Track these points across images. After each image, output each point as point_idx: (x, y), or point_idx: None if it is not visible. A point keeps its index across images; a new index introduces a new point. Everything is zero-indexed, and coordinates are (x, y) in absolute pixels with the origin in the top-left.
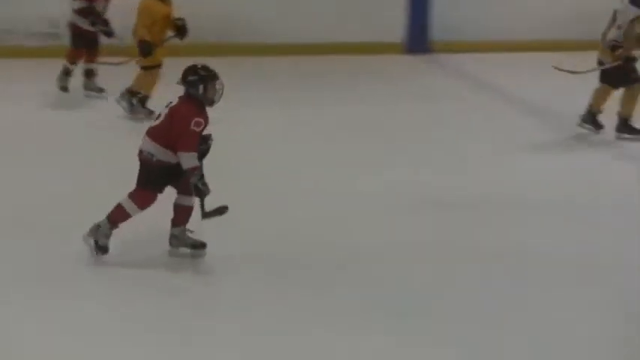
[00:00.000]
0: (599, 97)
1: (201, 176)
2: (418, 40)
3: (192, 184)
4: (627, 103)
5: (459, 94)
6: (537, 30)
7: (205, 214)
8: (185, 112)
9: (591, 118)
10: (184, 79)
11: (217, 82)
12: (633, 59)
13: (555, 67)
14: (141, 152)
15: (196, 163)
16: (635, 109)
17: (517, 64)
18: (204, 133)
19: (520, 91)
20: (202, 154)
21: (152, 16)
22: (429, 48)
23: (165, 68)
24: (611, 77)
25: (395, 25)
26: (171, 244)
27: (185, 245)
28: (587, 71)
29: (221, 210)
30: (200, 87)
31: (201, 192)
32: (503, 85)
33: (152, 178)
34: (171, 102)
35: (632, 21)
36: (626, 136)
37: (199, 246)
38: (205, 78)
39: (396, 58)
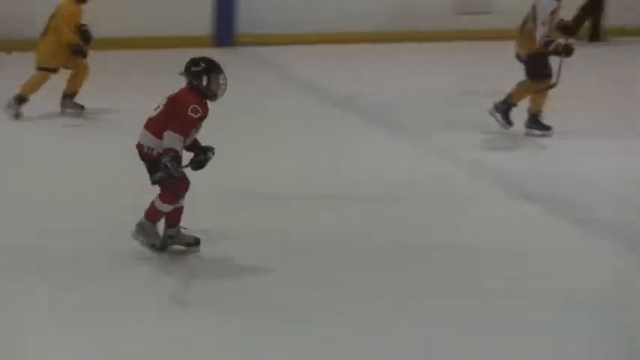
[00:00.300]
0: (522, 92)
1: (179, 163)
2: (225, 33)
3: (162, 162)
4: (536, 98)
5: (266, 85)
6: (345, 22)
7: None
8: (185, 97)
9: (505, 110)
10: (188, 70)
11: (221, 75)
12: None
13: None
14: (141, 147)
15: (177, 147)
16: (545, 105)
17: (324, 56)
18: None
19: (325, 81)
20: (199, 165)
21: (75, 21)
22: (237, 41)
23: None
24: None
25: (202, 19)
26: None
27: (180, 243)
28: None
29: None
30: (204, 78)
31: (170, 173)
32: (311, 75)
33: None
34: (171, 93)
35: (552, 13)
36: (536, 132)
37: (194, 243)
38: (210, 70)
39: (204, 52)
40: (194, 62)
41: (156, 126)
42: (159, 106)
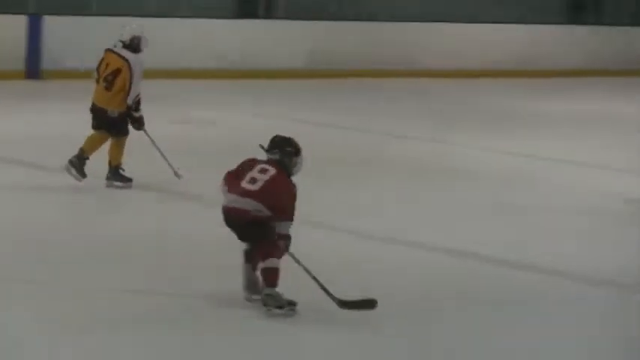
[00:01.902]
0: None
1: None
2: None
3: (286, 248)
4: (116, 151)
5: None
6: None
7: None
8: (287, 185)
9: (81, 163)
10: (282, 149)
11: (300, 157)
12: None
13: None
14: (246, 212)
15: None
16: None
17: None
18: None
19: None
20: None
21: None
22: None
23: None
24: (113, 126)
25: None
26: (265, 304)
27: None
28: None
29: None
30: (294, 159)
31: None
32: None
33: (270, 232)
34: (265, 168)
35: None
36: (118, 183)
37: (291, 304)
38: (299, 152)
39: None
40: (287, 142)
41: (259, 197)
42: (256, 180)
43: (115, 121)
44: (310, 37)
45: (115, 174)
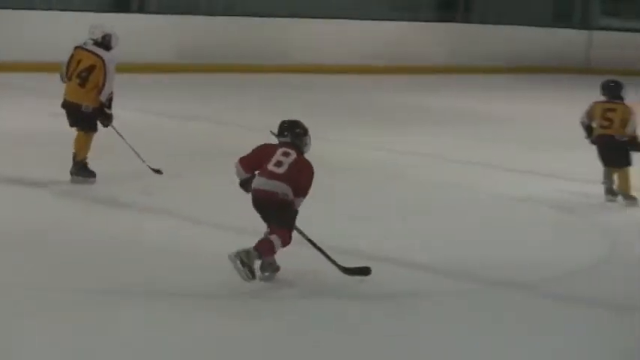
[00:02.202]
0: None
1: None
2: None
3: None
4: (84, 146)
5: None
6: None
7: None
8: (308, 166)
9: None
10: (291, 131)
11: (308, 136)
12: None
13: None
14: (274, 194)
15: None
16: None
17: None
18: None
19: None
20: None
21: None
22: None
23: None
24: (86, 121)
25: None
26: (263, 269)
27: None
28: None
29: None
30: (303, 139)
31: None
32: None
33: (292, 217)
34: (287, 151)
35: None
36: (80, 178)
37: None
38: (306, 132)
39: None
40: (296, 125)
41: (286, 179)
42: (282, 163)
43: (88, 117)
44: (181, 32)
45: (80, 168)
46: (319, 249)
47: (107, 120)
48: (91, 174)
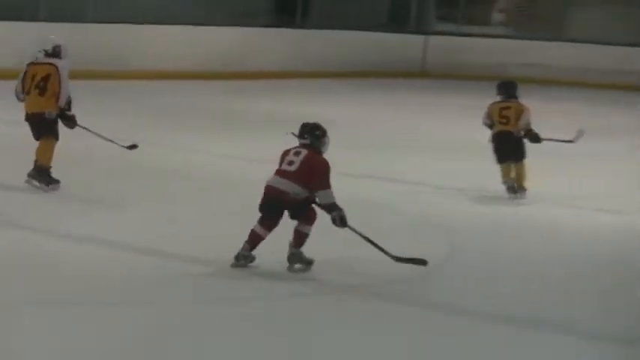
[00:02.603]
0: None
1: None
2: None
3: (335, 212)
4: (47, 153)
5: None
6: None
7: (399, 259)
8: (320, 161)
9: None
10: (311, 133)
11: (327, 137)
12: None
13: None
14: (286, 193)
15: (334, 197)
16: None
17: None
18: None
19: None
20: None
21: None
22: None
23: None
24: (50, 128)
25: None
26: (289, 260)
27: (302, 262)
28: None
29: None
30: (322, 140)
31: (343, 217)
32: None
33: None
34: (298, 150)
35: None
36: (39, 184)
37: (309, 262)
38: (325, 133)
39: None
40: (315, 127)
41: (296, 178)
42: (293, 162)
43: (52, 123)
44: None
45: (41, 173)
46: (371, 242)
47: (71, 122)
48: (55, 181)
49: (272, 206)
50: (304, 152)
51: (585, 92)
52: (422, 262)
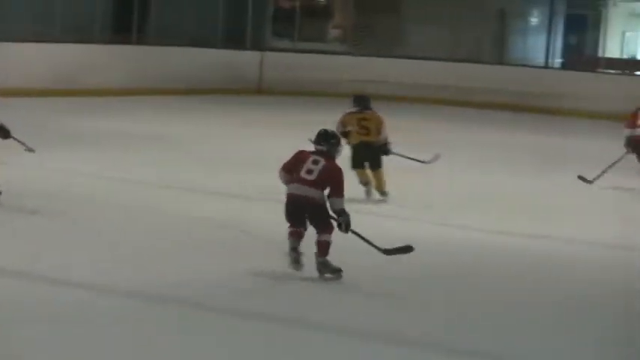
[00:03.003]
0: None
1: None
2: None
3: (341, 219)
4: None
5: None
6: None
7: (387, 251)
8: (337, 169)
9: None
10: (328, 141)
11: (341, 145)
12: None
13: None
14: (312, 199)
15: (344, 204)
16: None
17: None
18: None
19: None
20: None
21: None
22: None
23: None
24: None
25: None
26: (319, 271)
27: (330, 271)
28: None
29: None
30: (338, 148)
31: (348, 222)
32: None
33: (328, 215)
34: (316, 159)
35: None
36: None
37: (338, 271)
38: (340, 141)
39: None
40: (330, 134)
41: (316, 185)
42: (312, 170)
43: None
44: None
45: None
46: (363, 237)
47: (3, 132)
48: None
49: (297, 210)
50: (322, 162)
51: (422, 108)
52: (409, 249)
